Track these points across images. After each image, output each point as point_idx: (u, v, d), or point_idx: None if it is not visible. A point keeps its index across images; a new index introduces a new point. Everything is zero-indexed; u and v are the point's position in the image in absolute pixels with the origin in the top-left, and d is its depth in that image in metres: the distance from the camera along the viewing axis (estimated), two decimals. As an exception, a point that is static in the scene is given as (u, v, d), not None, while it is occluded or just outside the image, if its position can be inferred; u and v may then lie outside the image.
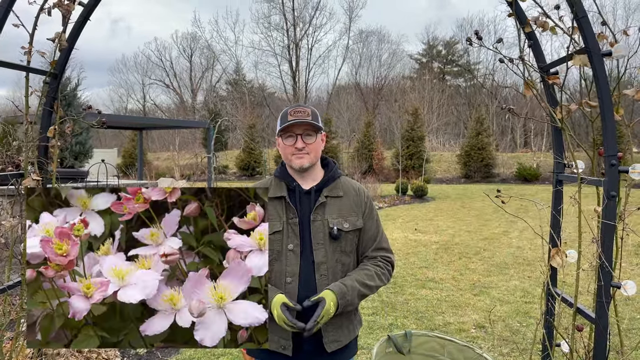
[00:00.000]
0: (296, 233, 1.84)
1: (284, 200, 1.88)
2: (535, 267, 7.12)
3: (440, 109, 37.79)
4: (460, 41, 48.33)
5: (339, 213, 1.88)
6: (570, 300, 1.77)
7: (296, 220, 1.85)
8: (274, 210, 1.88)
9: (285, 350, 1.82)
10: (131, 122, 15.87)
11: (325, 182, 1.92)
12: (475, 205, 15.42)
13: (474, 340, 4.41)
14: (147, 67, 51.32)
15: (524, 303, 5.48)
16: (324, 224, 1.85)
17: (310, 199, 1.88)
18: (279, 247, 1.85)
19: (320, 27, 48.86)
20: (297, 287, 1.81)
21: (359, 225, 1.89)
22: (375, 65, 47.75)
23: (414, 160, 25.00)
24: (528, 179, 24.07)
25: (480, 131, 25.78)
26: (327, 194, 1.90)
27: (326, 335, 1.82)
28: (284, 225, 1.85)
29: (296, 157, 1.86)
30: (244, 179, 28.50)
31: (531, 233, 10.13)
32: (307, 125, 1.85)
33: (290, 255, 1.83)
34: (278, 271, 1.84)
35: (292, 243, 1.84)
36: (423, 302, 5.48)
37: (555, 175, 1.85)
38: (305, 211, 1.87)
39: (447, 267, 7.14)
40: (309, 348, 1.84)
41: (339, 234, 1.83)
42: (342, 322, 1.85)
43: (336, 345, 1.84)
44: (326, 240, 1.84)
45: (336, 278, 1.83)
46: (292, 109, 1.87)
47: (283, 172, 1.94)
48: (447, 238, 9.57)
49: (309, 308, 1.74)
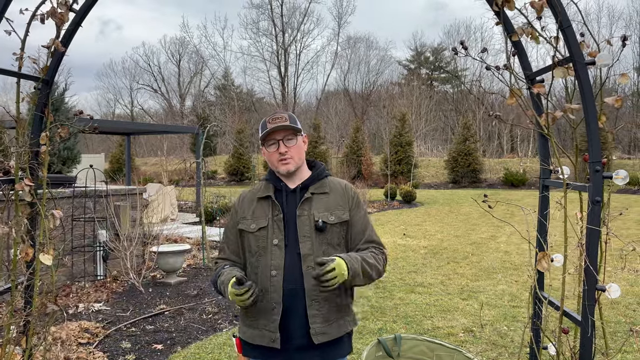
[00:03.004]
0: (280, 229, 1.91)
1: (270, 199, 1.96)
2: (523, 272, 7.20)
3: (428, 115, 38.06)
4: (447, 48, 48.81)
5: (325, 207, 1.94)
6: (557, 303, 1.81)
7: (280, 216, 1.92)
8: (261, 209, 1.96)
9: (274, 342, 1.86)
10: (119, 127, 15.77)
11: (311, 180, 2.00)
12: (462, 210, 15.54)
13: (462, 345, 4.44)
14: (135, 72, 51.02)
15: (512, 307, 5.54)
16: (309, 218, 1.91)
17: (296, 196, 1.96)
18: (264, 243, 1.92)
19: (308, 33, 49.04)
20: (281, 280, 1.86)
21: (344, 218, 1.94)
22: (363, 71, 47.98)
23: (403, 166, 25.12)
24: (515, 184, 24.31)
25: (467, 137, 26.00)
26: (313, 191, 1.97)
27: (313, 327, 1.85)
28: (269, 222, 1.92)
29: (281, 163, 1.94)
30: (232, 184, 28.42)
31: (518, 238, 10.24)
32: (286, 130, 1.93)
33: (275, 250, 1.89)
34: (264, 265, 1.90)
35: (277, 238, 1.90)
36: (412, 307, 5.52)
37: (541, 181, 1.89)
38: (290, 208, 1.94)
39: (436, 272, 7.19)
40: (298, 341, 1.88)
41: (324, 225, 1.89)
42: (330, 315, 1.88)
43: (323, 338, 1.86)
44: (312, 233, 1.89)
45: None
46: (269, 117, 1.96)
47: (271, 176, 2.03)
48: (436, 243, 9.63)
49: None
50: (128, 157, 16.21)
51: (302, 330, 1.86)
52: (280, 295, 1.86)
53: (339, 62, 48.85)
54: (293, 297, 1.86)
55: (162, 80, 50.62)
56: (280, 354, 1.88)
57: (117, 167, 29.29)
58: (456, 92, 47.06)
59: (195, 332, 4.70)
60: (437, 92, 46.47)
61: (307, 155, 2.07)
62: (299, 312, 1.86)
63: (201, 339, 4.54)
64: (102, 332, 4.55)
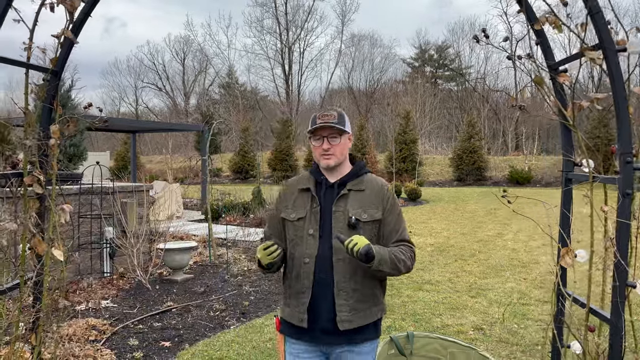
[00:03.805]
0: (317, 220, 2.04)
1: (309, 192, 2.09)
2: (531, 269, 7.14)
3: (433, 113, 37.93)
4: (452, 45, 48.63)
5: (360, 205, 2.04)
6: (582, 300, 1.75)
7: (318, 209, 2.05)
8: (301, 200, 2.10)
9: (302, 322, 2.01)
10: (125, 124, 15.76)
11: (350, 177, 2.10)
12: (468, 208, 15.46)
13: (473, 342, 4.39)
14: (139, 70, 51.05)
15: (521, 305, 5.47)
16: (344, 214, 2.02)
17: (334, 191, 2.08)
18: (301, 232, 2.06)
19: (312, 30, 48.90)
20: (313, 268, 2.00)
21: (377, 217, 2.03)
22: (367, 69, 47.86)
23: (407, 163, 25.03)
24: (520, 182, 24.20)
25: (472, 134, 25.90)
26: (350, 187, 2.08)
27: (339, 315, 1.97)
28: (307, 213, 2.06)
29: (323, 158, 2.06)
30: (237, 182, 28.40)
31: (525, 235, 10.16)
32: (332, 129, 2.04)
33: (310, 239, 2.03)
34: (299, 253, 2.04)
35: (312, 228, 2.03)
36: (420, 305, 5.46)
37: (564, 174, 1.83)
38: (328, 202, 2.06)
39: (443, 269, 7.13)
40: (324, 324, 2.01)
41: (356, 223, 1.98)
42: (357, 305, 2.00)
43: (348, 325, 1.98)
44: (345, 229, 1.99)
45: (352, 262, 1.97)
46: (320, 113, 2.07)
47: (315, 169, 2.16)
48: (442, 240, 9.57)
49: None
50: (133, 155, 16.19)
51: (328, 315, 1.99)
52: (311, 282, 2.01)
53: (343, 60, 48.77)
54: (322, 284, 2.00)
55: (166, 79, 50.66)
56: (308, 334, 2.03)
57: (122, 165, 29.29)
58: (460, 90, 46.90)
59: (203, 330, 4.66)
60: (441, 89, 46.32)
61: (310, 152, 2.19)
62: (327, 299, 1.99)
63: (209, 336, 4.50)
64: (110, 330, 4.52)
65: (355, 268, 1.99)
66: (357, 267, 1.98)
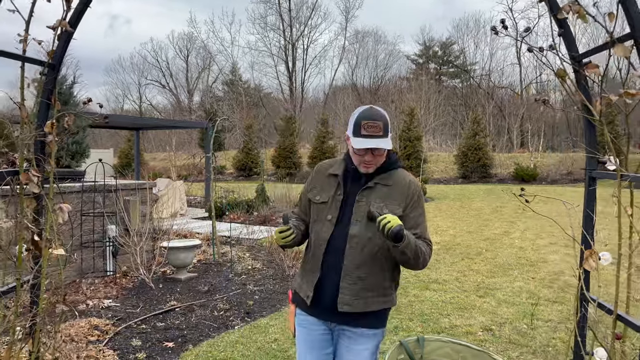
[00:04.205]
0: (337, 207, 2.09)
1: (337, 178, 2.14)
2: (539, 268, 7.03)
3: (437, 110, 37.71)
4: (456, 42, 48.37)
5: (383, 199, 2.05)
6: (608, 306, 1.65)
7: (341, 197, 2.10)
8: (328, 185, 2.16)
9: (307, 298, 2.11)
10: (128, 122, 15.70)
11: (380, 170, 2.10)
12: (474, 206, 15.34)
13: (482, 344, 4.30)
14: (143, 67, 51.04)
15: (530, 305, 5.37)
16: (366, 205, 2.04)
17: (360, 181, 2.10)
18: (322, 215, 2.12)
19: (316, 27, 48.72)
20: (323, 251, 2.08)
21: (396, 213, 2.00)
22: (371, 65, 47.67)
23: (412, 161, 24.88)
24: (526, 179, 24.02)
25: (477, 131, 25.71)
26: (378, 180, 2.09)
27: (341, 297, 2.04)
28: (330, 199, 2.12)
29: (363, 166, 2.06)
30: (241, 179, 28.33)
31: (532, 233, 10.04)
32: None
33: (327, 224, 2.09)
34: (317, 234, 2.13)
35: (331, 214, 2.09)
36: (427, 304, 5.37)
37: (588, 173, 1.73)
38: (352, 190, 2.10)
39: (450, 268, 7.03)
40: (327, 303, 2.09)
41: (376, 215, 1.96)
42: (360, 292, 2.05)
43: (347, 308, 2.03)
44: (364, 219, 2.03)
45: (363, 252, 2.03)
46: (366, 122, 1.99)
47: (348, 157, 2.17)
48: (448, 239, 9.46)
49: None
50: (137, 152, 16.14)
51: (331, 297, 2.06)
52: (320, 263, 2.08)
53: (347, 56, 48.59)
54: (330, 267, 2.07)
55: (170, 76, 50.63)
56: (312, 309, 2.14)
57: (125, 162, 29.26)
58: (465, 87, 46.66)
59: (207, 330, 4.59)
60: (445, 86, 46.09)
61: (314, 149, 2.18)
62: (333, 281, 2.06)
63: (213, 337, 4.43)
64: (112, 330, 4.45)
65: (365, 257, 2.04)
66: (367, 258, 2.04)
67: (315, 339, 2.19)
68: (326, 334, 2.19)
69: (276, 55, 47.16)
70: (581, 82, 1.61)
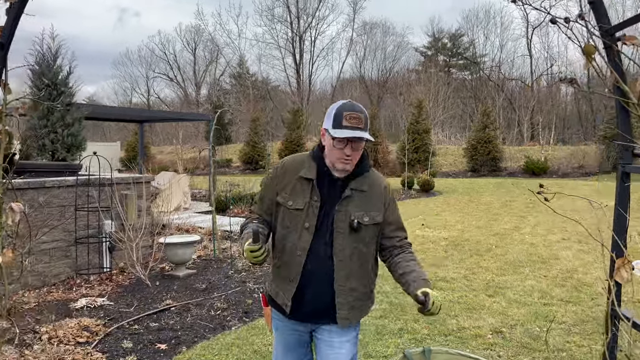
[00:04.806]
0: (315, 214, 1.99)
1: (312, 183, 2.01)
2: (551, 266, 6.76)
3: (446, 102, 37.20)
4: (466, 33, 47.69)
5: (362, 207, 2.01)
6: (642, 324, 1.40)
7: (318, 204, 2.00)
8: (301, 189, 2.03)
9: (286, 307, 2.06)
10: (132, 114, 15.54)
11: (354, 175, 2.02)
12: (483, 200, 15.02)
13: (491, 348, 4.06)
14: (151, 60, 50.93)
15: (543, 305, 5.12)
16: (346, 215, 1.99)
17: (336, 187, 2.02)
18: (296, 222, 2.02)
19: (323, 19, 48.23)
20: (303, 260, 1.99)
21: (378, 220, 2.03)
22: (379, 57, 47.16)
23: (420, 154, 24.53)
24: (536, 173, 23.61)
25: (487, 124, 25.26)
26: (353, 186, 2.02)
27: (340, 313, 2.02)
28: (306, 206, 2.00)
29: (341, 162, 1.96)
30: (247, 172, 28.14)
31: (543, 229, 9.74)
32: (361, 138, 1.93)
33: (305, 233, 2.00)
34: (292, 242, 2.02)
35: (309, 222, 1.99)
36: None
37: (621, 167, 1.47)
38: (330, 198, 2.01)
39: (458, 266, 6.78)
40: (307, 311, 2.05)
41: (358, 226, 1.98)
42: (355, 303, 2.05)
43: (346, 323, 2.04)
44: (346, 230, 1.99)
45: (351, 264, 2.01)
46: (348, 113, 1.92)
47: (318, 156, 2.06)
48: (457, 234, 9.19)
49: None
50: (141, 145, 15.99)
51: (314, 305, 2.03)
52: (299, 273, 2.00)
53: (355, 48, 48.10)
54: (312, 277, 2.00)
55: (177, 69, 50.49)
56: (291, 315, 2.08)
57: (132, 156, 29.13)
58: (475, 79, 46.04)
59: (202, 330, 4.39)
60: (455, 78, 45.49)
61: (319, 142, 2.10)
62: (315, 290, 2.01)
63: (208, 338, 4.22)
64: (103, 330, 4.25)
65: (354, 267, 2.02)
66: (355, 269, 2.03)
67: (293, 341, 2.17)
68: (304, 334, 2.17)
69: (283, 47, 46.80)
70: (614, 59, 1.36)
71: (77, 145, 6.41)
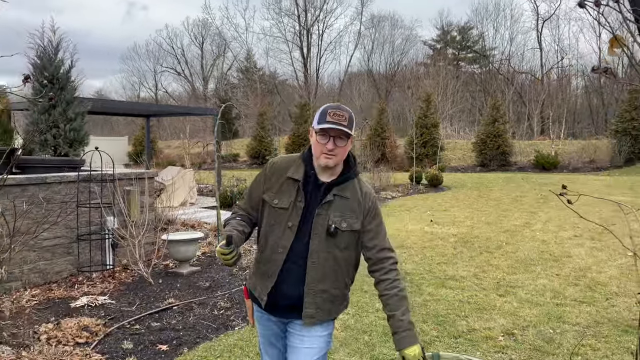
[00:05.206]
0: (298, 214, 2.06)
1: (298, 185, 2.08)
2: (564, 264, 6.58)
3: (455, 96, 36.82)
4: (475, 26, 47.19)
5: (341, 213, 2.06)
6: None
7: (302, 205, 2.06)
8: (287, 189, 2.09)
9: (262, 301, 2.13)
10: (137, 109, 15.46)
11: (339, 181, 2.09)
12: (492, 195, 14.81)
13: (503, 351, 3.91)
14: (158, 54, 50.92)
15: (555, 305, 4.96)
16: (325, 220, 2.05)
17: (320, 192, 2.07)
18: (280, 220, 2.08)
19: (331, 12, 47.88)
20: (284, 258, 2.06)
21: (355, 228, 2.08)
22: (388, 51, 46.81)
23: (428, 148, 24.29)
24: (546, 168, 23.31)
25: (496, 118, 24.94)
26: (336, 192, 2.07)
27: (305, 311, 2.07)
28: (291, 205, 2.07)
29: (325, 157, 2.02)
30: (254, 167, 28.05)
31: (555, 225, 9.54)
32: (342, 131, 2.00)
33: (287, 232, 2.06)
34: (274, 239, 2.09)
35: (292, 222, 2.06)
36: (443, 304, 4.99)
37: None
38: (312, 201, 2.07)
39: (468, 263, 6.62)
40: (282, 307, 2.12)
41: (335, 231, 2.04)
42: (324, 305, 2.09)
43: (310, 321, 2.08)
44: (323, 233, 2.04)
45: (325, 267, 2.05)
46: (332, 110, 2.01)
47: (307, 158, 2.13)
48: (466, 230, 9.02)
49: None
50: (148, 140, 15.93)
51: (288, 301, 2.09)
52: (278, 270, 2.07)
53: (363, 42, 47.79)
54: (289, 274, 2.07)
55: (185, 63, 50.44)
56: (267, 309, 2.15)
57: (140, 150, 29.15)
58: (484, 72, 45.58)
59: (205, 331, 4.28)
60: (463, 72, 45.05)
61: None
62: (290, 287, 2.07)
63: (210, 339, 4.11)
64: (103, 330, 4.15)
65: (327, 271, 2.06)
66: (328, 272, 2.07)
67: (272, 333, 2.24)
68: (280, 327, 2.23)
69: (291, 41, 46.60)
70: (649, 47, 1.21)
71: (79, 140, 6.30)
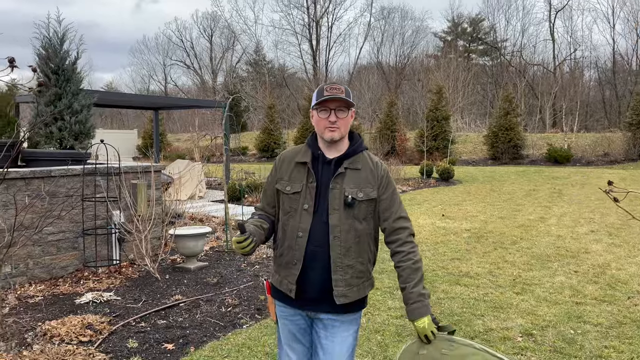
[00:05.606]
0: (312, 196, 2.07)
1: (306, 166, 2.11)
2: (581, 260, 6.38)
3: (466, 88, 36.38)
4: (486, 18, 46.57)
5: (356, 183, 2.07)
6: None
7: (314, 184, 2.08)
8: (298, 174, 2.13)
9: (291, 292, 2.10)
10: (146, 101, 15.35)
11: (347, 154, 2.11)
12: (505, 189, 14.57)
13: (522, 352, 3.75)
14: (168, 47, 50.91)
15: (575, 304, 4.78)
16: (340, 192, 2.06)
17: (330, 168, 2.09)
18: (296, 205, 2.10)
19: (340, 3, 47.52)
20: (306, 241, 2.06)
21: (372, 196, 2.09)
22: (398, 43, 46.37)
23: (439, 141, 23.99)
24: (559, 161, 22.95)
25: (508, 110, 24.57)
26: (347, 165, 2.09)
27: (336, 290, 2.06)
28: (303, 188, 2.09)
29: (328, 130, 2.06)
30: (263, 160, 27.94)
31: (570, 219, 9.32)
32: (341, 102, 2.05)
33: (304, 214, 2.07)
34: (293, 226, 2.09)
35: (307, 204, 2.07)
36: (458, 302, 4.82)
37: None
38: (324, 178, 2.09)
39: (482, 260, 6.44)
40: (313, 295, 2.09)
41: (352, 202, 2.04)
42: (352, 281, 2.08)
43: (344, 300, 2.07)
44: (341, 207, 2.05)
45: (347, 240, 2.05)
46: (328, 86, 2.08)
47: (312, 142, 2.16)
48: (479, 225, 8.83)
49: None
50: (156, 133, 15.83)
51: (319, 286, 2.08)
52: (302, 254, 2.07)
53: (372, 34, 47.38)
54: (313, 258, 2.06)
55: (194, 56, 50.43)
56: (296, 302, 2.13)
57: (149, 143, 29.14)
58: (495, 65, 45.01)
59: (212, 329, 4.15)
60: (475, 64, 44.52)
61: None
62: (318, 271, 2.07)
63: (218, 338, 3.99)
64: (108, 329, 4.04)
65: (349, 246, 2.06)
66: (351, 245, 2.06)
67: (298, 328, 2.21)
68: (307, 323, 2.21)
69: (300, 33, 46.30)
70: None
71: (85, 133, 6.19)
